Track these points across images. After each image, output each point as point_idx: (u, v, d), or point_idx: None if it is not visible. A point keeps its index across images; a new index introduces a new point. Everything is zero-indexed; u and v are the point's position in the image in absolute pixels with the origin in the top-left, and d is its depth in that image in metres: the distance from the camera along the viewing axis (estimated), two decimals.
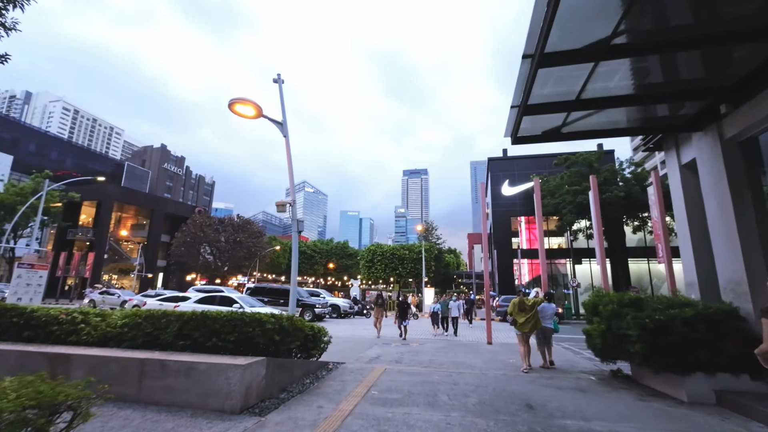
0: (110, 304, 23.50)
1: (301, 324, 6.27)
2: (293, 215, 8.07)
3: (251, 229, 44.86)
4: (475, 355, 9.32)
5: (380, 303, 13.67)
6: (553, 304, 8.48)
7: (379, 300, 13.76)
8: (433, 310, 14.80)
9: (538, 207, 13.12)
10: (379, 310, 13.46)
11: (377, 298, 13.85)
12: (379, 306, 13.58)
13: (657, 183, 11.95)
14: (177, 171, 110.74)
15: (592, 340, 6.80)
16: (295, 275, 7.98)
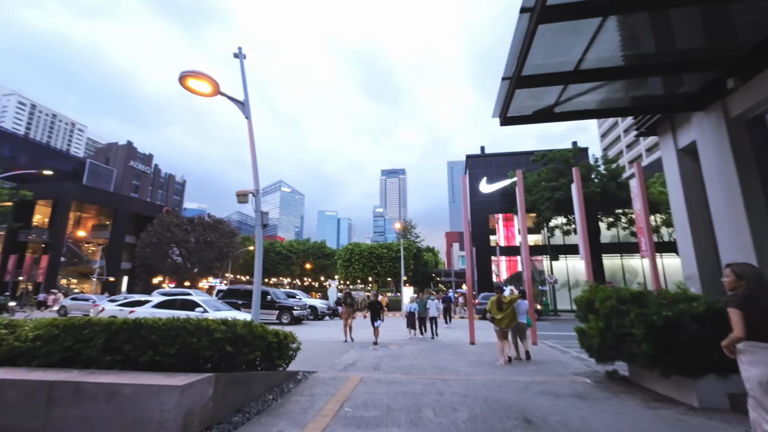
0: (83, 310, 21.58)
1: (262, 331, 5.37)
2: (257, 206, 7.13)
3: (223, 228, 42.94)
4: (458, 357, 8.65)
5: (349, 303, 12.27)
6: (526, 301, 9.01)
7: (348, 299, 12.33)
8: (409, 310, 13.33)
9: (521, 200, 12.64)
10: (348, 311, 12.09)
11: (345, 297, 12.38)
12: (348, 306, 12.19)
13: (639, 175, 11.70)
14: (144, 169, 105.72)
15: (587, 340, 6.23)
16: (259, 275, 7.04)
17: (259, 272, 7.03)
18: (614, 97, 6.03)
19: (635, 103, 6.12)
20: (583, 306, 6.59)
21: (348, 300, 12.37)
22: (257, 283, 6.98)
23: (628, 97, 6.06)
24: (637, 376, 5.94)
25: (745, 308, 3.03)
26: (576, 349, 10.05)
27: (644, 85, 5.81)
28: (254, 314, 6.80)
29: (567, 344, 11.38)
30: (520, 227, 12.44)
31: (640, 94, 6.02)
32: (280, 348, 6.00)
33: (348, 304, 12.29)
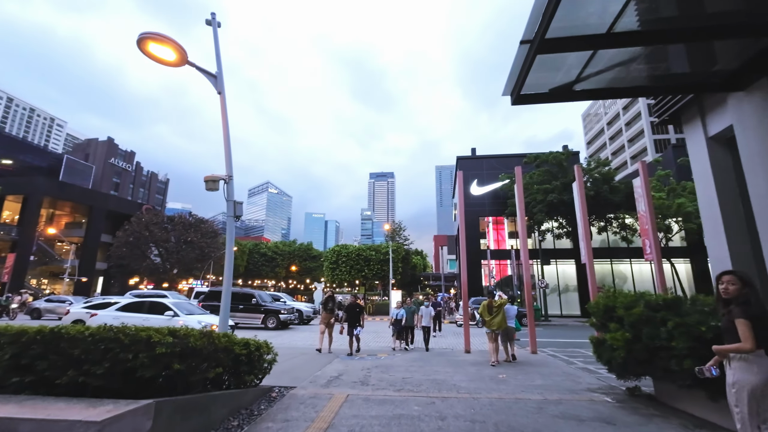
0: (59, 313, 19.93)
1: (226, 341, 4.40)
2: (228, 194, 6.15)
3: (205, 228, 41.31)
4: (456, 369, 7.78)
5: (330, 307, 10.45)
6: (515, 306, 9.45)
7: (329, 303, 10.51)
8: (396, 316, 11.24)
9: (520, 199, 11.90)
10: (329, 316, 10.37)
11: (327, 301, 10.61)
12: (329, 311, 10.42)
13: (644, 174, 11.11)
14: (126, 167, 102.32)
15: (606, 352, 5.44)
16: (229, 275, 6.05)
17: (229, 272, 6.04)
18: (640, 74, 5.29)
19: (663, 82, 5.39)
20: (601, 313, 5.80)
21: (329, 304, 10.56)
22: (227, 285, 5.99)
23: (656, 75, 5.33)
24: (667, 395, 5.16)
25: (752, 318, 2.93)
26: (580, 359, 9.31)
27: (675, 61, 5.09)
28: (222, 321, 5.80)
29: (567, 353, 10.65)
30: (519, 228, 11.69)
31: (669, 72, 5.29)
32: (250, 361, 5.04)
33: (329, 309, 10.48)
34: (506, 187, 30.83)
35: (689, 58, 5.02)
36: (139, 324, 10.10)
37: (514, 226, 34.58)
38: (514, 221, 34.38)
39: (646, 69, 5.22)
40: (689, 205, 23.65)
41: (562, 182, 25.20)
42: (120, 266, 39.67)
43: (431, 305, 17.31)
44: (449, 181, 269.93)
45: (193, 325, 11.34)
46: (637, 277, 31.43)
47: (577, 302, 31.09)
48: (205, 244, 39.85)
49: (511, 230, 35.08)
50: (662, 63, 5.13)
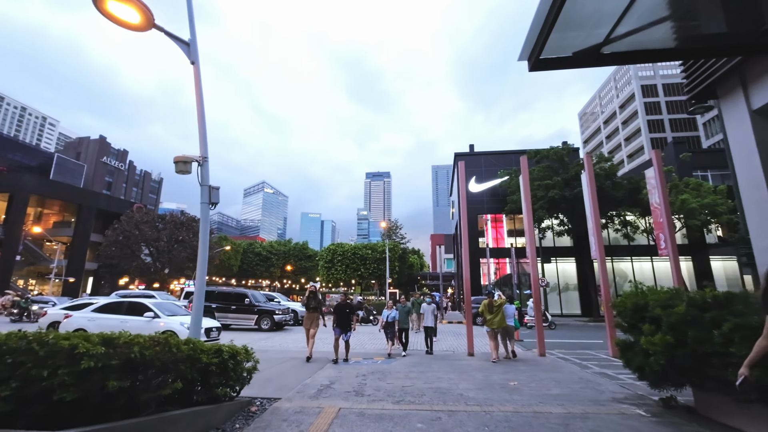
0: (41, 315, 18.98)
1: (190, 350, 3.62)
2: (203, 178, 5.36)
3: (197, 227, 40.28)
4: (460, 375, 7.02)
5: (314, 306, 8.89)
6: (513, 305, 9.78)
7: (312, 301, 8.93)
8: (387, 318, 9.93)
9: (526, 191, 11.17)
10: (313, 317, 8.91)
11: (309, 299, 9.01)
12: (313, 310, 8.91)
13: (658, 164, 10.43)
14: (118, 166, 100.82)
15: (639, 358, 4.71)
16: (203, 270, 5.26)
17: (203, 267, 5.25)
18: (677, 34, 4.56)
19: (703, 43, 4.66)
20: (628, 313, 5.07)
21: (312, 302, 8.92)
22: (199, 283, 5.21)
23: (695, 35, 4.61)
24: (713, 409, 4.43)
25: None
26: (594, 363, 8.59)
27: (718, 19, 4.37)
28: (194, 323, 5.01)
29: (578, 355, 9.93)
30: (525, 223, 10.97)
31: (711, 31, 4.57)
32: (224, 371, 4.27)
33: (312, 308, 8.90)
34: (505, 184, 30.17)
35: (736, 14, 4.30)
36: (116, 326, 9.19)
37: (513, 224, 33.96)
38: (513, 219, 33.75)
39: (684, 28, 4.49)
40: (693, 201, 23.10)
41: (563, 178, 24.57)
42: (109, 266, 38.61)
43: None
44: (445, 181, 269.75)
45: (174, 327, 10.55)
46: (638, 275, 30.87)
47: (577, 301, 30.52)
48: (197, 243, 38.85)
49: (510, 228, 34.44)
50: (704, 20, 4.41)
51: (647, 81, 78.71)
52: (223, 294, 17.82)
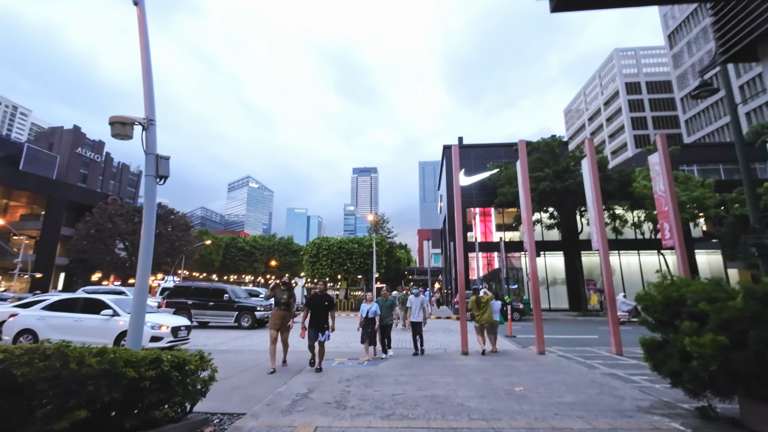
0: None
1: (110, 361, 2.65)
2: (148, 145, 4.34)
3: (176, 220, 38.63)
4: (457, 379, 6.20)
5: (284, 301, 7.19)
6: (499, 302, 10.23)
7: (283, 296, 7.21)
8: (368, 314, 8.35)
9: (524, 176, 10.40)
10: (281, 316, 7.14)
11: (277, 290, 7.30)
12: (284, 307, 7.18)
13: (664, 149, 9.80)
14: (94, 157, 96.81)
15: (674, 362, 3.95)
16: (146, 260, 4.25)
17: (146, 256, 4.24)
18: None
19: None
20: (660, 308, 4.31)
21: (283, 297, 7.19)
22: (141, 278, 4.20)
23: None
24: (753, 417, 3.70)
25: None
26: (599, 361, 7.91)
27: None
28: (132, 328, 4.02)
29: (578, 353, 9.27)
30: (524, 212, 10.21)
31: None
32: (165, 386, 3.31)
33: (283, 303, 7.18)
34: (494, 177, 29.62)
35: None
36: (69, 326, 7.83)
37: (502, 218, 33.50)
38: (502, 213, 33.29)
39: None
40: (682, 194, 22.92)
41: (554, 170, 24.08)
42: (81, 261, 36.61)
43: None
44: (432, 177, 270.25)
45: None
46: (625, 269, 30.85)
47: (565, 295, 30.29)
48: (176, 237, 37.22)
49: (499, 222, 33.97)
50: None
51: (631, 78, 79.62)
52: (200, 289, 16.62)
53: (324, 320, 6.93)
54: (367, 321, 8.32)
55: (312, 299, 7.06)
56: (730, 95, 9.47)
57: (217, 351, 9.86)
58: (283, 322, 7.14)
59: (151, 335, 9.21)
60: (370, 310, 8.38)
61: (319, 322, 6.89)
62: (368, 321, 8.32)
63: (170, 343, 9.51)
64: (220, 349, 10.33)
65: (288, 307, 7.24)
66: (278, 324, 7.11)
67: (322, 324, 6.91)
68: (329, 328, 7.01)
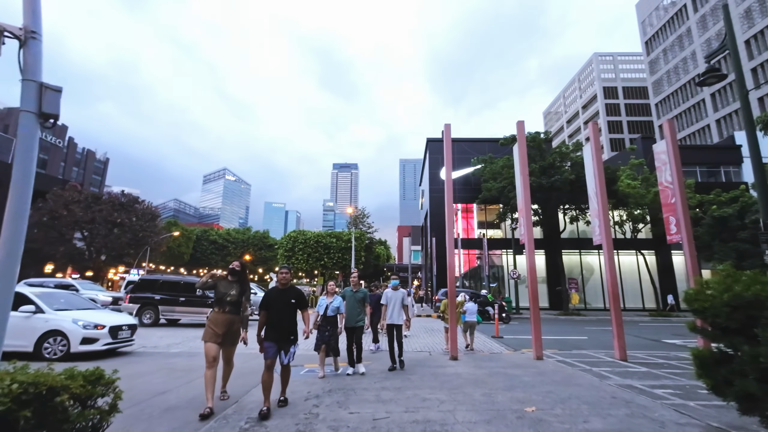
0: None
1: None
2: (26, 66, 2.96)
3: (140, 209, 36.03)
4: (452, 394, 5.09)
5: (231, 300, 4.72)
6: (476, 304, 9.99)
7: (230, 291, 4.75)
8: (328, 311, 6.16)
9: (522, 160, 9.40)
10: (225, 322, 4.66)
11: (213, 279, 4.90)
12: (229, 309, 4.72)
13: (672, 135, 9.02)
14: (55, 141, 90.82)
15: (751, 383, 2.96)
16: (15, 229, 2.88)
17: (16, 226, 2.87)
18: None
19: None
20: (725, 311, 3.31)
21: (230, 293, 4.73)
22: (7, 258, 2.82)
23: None
24: None
25: None
26: (606, 368, 6.98)
27: None
28: None
29: (578, 357, 8.38)
30: (522, 201, 9.21)
31: None
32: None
33: (228, 302, 4.71)
34: (478, 172, 28.91)
35: None
36: None
37: (485, 214, 32.91)
38: (484, 209, 32.69)
39: None
40: None
41: (540, 165, 23.52)
42: (31, 251, 33.52)
43: None
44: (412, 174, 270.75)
45: (63, 326, 7.81)
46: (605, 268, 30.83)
47: (546, 294, 29.96)
48: (140, 228, 34.71)
49: (481, 219, 33.35)
50: None
51: (609, 83, 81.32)
52: (169, 283, 14.82)
53: (289, 327, 4.43)
54: (326, 320, 6.11)
55: (271, 295, 4.53)
56: (741, 80, 8.74)
57: (167, 354, 8.44)
58: (228, 331, 4.61)
59: (82, 337, 7.68)
60: (331, 306, 6.11)
61: (281, 330, 4.37)
62: (327, 320, 6.11)
63: (107, 345, 8.01)
64: (172, 351, 8.90)
65: (236, 308, 4.71)
66: (218, 335, 4.53)
67: (286, 333, 4.40)
68: (295, 343, 4.53)
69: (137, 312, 14.04)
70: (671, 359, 8.17)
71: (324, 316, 6.15)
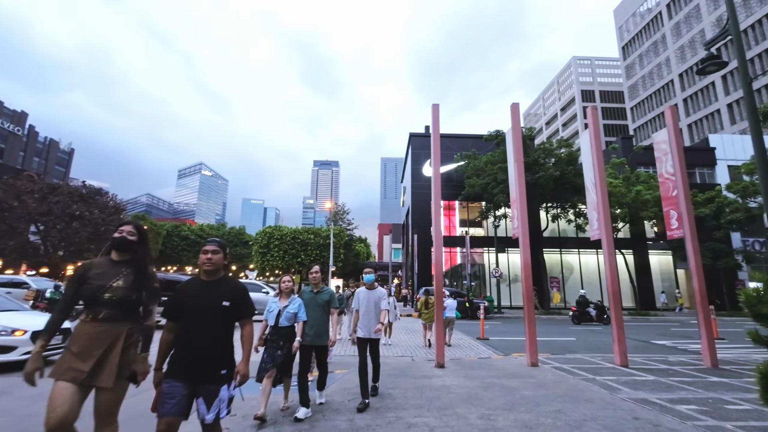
0: None
1: None
2: None
3: (102, 201, 33.59)
4: (443, 417, 4.13)
5: (114, 301, 2.42)
6: (455, 301, 10.50)
7: (115, 282, 2.45)
8: (282, 318, 4.20)
9: (517, 145, 8.58)
10: (95, 336, 2.34)
11: (75, 283, 2.51)
12: (103, 316, 2.39)
13: (674, 123, 8.41)
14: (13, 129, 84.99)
15: None
16: None
17: None
18: None
19: None
20: None
21: (109, 287, 2.43)
22: None
23: None
24: None
25: None
26: (610, 377, 6.20)
27: None
28: None
29: (573, 363, 7.62)
30: (516, 191, 8.39)
31: None
32: None
33: (110, 305, 2.42)
34: (461, 169, 28.28)
35: None
36: None
37: (467, 212, 32.38)
38: (466, 207, 32.15)
39: None
40: (646, 192, 22.79)
41: (525, 161, 23.00)
42: None
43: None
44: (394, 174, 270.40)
45: None
46: (584, 268, 30.92)
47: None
48: (102, 221, 32.32)
49: (463, 217, 32.79)
50: None
51: (586, 86, 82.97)
52: None
53: (216, 353, 2.50)
54: (278, 333, 4.17)
55: (184, 292, 2.57)
56: (744, 68, 8.17)
57: None
58: (105, 359, 2.36)
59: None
60: (286, 312, 4.20)
61: (197, 359, 2.44)
62: (279, 333, 4.16)
63: (27, 355, 6.66)
64: None
65: (124, 313, 2.50)
66: (83, 366, 2.30)
67: (210, 363, 2.46)
68: (233, 375, 2.56)
69: None
70: (673, 364, 7.54)
71: (275, 327, 4.16)
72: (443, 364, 6.96)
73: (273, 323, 4.20)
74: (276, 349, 4.09)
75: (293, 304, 4.26)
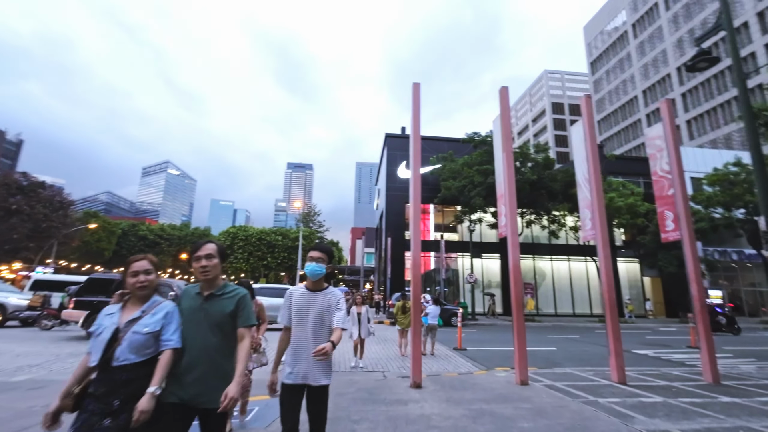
0: None
1: None
2: None
3: (45, 195, 30.42)
4: None
5: None
6: (438, 307, 9.91)
7: None
8: (102, 352, 1.89)
9: (506, 133, 7.70)
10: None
11: None
12: None
13: (670, 116, 7.83)
14: None
15: None
16: None
17: None
18: None
19: None
20: None
21: None
22: None
23: None
24: None
25: None
26: (614, 399, 5.31)
27: None
28: None
29: (563, 379, 6.74)
30: (505, 186, 7.49)
31: None
32: None
33: None
34: (437, 172, 27.63)
35: None
36: None
37: (442, 216, 31.76)
38: (442, 211, 31.53)
39: None
40: (618, 200, 22.93)
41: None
42: None
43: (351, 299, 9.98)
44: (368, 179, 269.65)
45: None
46: (556, 274, 30.95)
47: (500, 299, 29.29)
48: (43, 217, 29.22)
49: (438, 222, 32.14)
50: None
51: (557, 99, 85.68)
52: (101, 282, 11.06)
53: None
54: (108, 379, 1.89)
55: None
56: (738, 64, 7.70)
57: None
58: None
59: None
60: (132, 333, 1.97)
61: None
62: (111, 379, 1.88)
63: None
64: (12, 380, 6.00)
65: None
66: None
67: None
68: None
69: (84, 321, 10.25)
70: (672, 380, 6.82)
71: (104, 367, 1.90)
72: (420, 384, 5.88)
73: (99, 358, 1.90)
74: (101, 417, 1.81)
75: (152, 316, 2.05)
